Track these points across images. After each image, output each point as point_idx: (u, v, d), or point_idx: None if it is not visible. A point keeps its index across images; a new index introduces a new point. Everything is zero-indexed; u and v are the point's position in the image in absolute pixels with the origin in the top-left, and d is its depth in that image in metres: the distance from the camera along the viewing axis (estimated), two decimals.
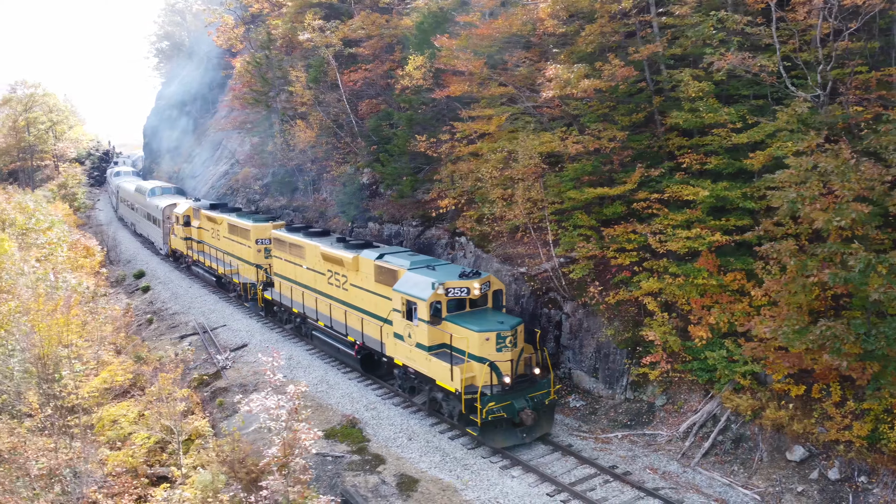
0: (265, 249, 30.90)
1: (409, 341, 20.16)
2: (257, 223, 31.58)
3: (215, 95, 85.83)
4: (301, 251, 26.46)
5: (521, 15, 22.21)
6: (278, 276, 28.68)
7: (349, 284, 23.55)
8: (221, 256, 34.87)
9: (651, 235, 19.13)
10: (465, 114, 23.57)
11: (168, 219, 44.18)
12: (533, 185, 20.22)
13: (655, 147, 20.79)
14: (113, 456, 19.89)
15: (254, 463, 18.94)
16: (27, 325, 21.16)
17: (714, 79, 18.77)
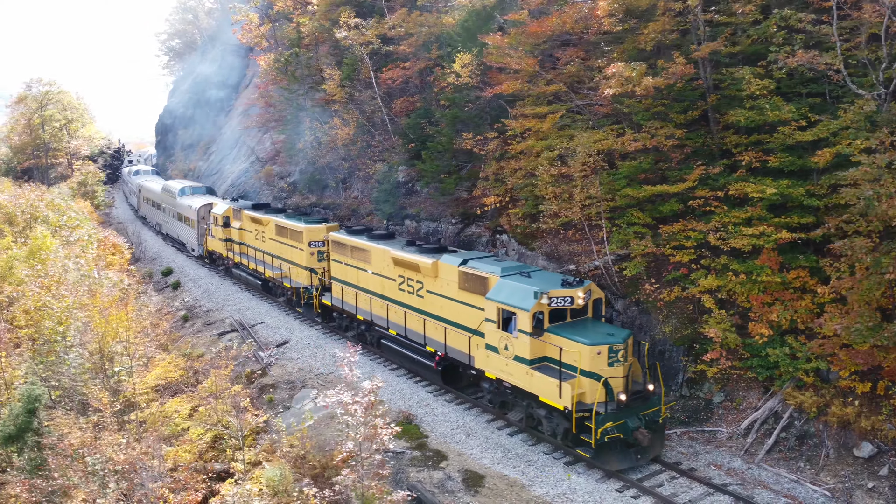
0: (318, 252, 29.85)
1: (504, 354, 18.84)
2: (310, 225, 30.36)
3: (230, 93, 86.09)
4: (366, 255, 25.34)
5: (571, 13, 22.25)
6: (338, 280, 27.53)
7: (425, 291, 22.41)
8: (268, 259, 33.52)
9: (711, 233, 19.20)
10: (517, 111, 23.61)
11: (203, 219, 43.06)
12: (592, 181, 20.27)
13: (710, 145, 20.82)
14: (171, 451, 20.01)
15: (317, 459, 19.13)
16: (84, 320, 21.27)
17: (774, 76, 18.83)
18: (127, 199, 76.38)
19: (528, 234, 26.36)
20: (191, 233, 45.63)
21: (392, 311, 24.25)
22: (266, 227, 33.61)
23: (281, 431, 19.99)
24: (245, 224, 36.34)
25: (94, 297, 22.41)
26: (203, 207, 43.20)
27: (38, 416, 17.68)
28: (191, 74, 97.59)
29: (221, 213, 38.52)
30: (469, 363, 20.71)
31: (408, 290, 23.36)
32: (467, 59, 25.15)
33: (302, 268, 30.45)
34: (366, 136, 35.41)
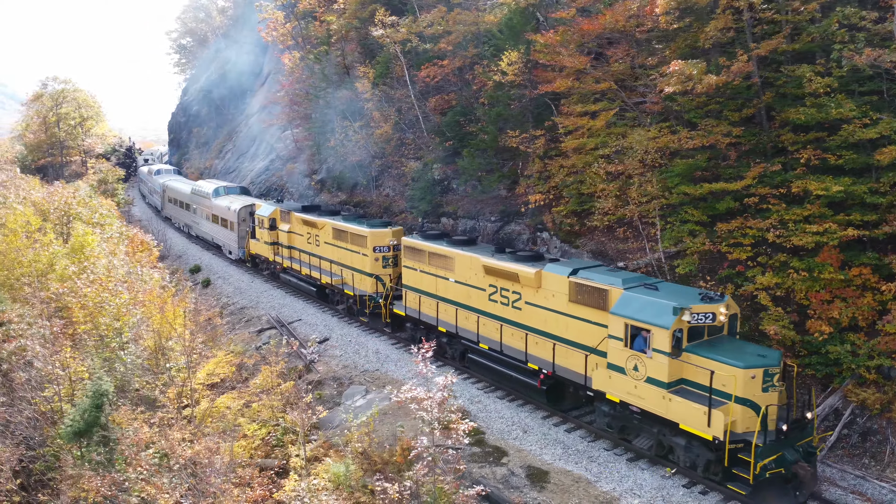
0: (383, 258, 28.19)
1: (633, 375, 17.11)
2: (374, 229, 28.50)
3: (245, 91, 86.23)
4: (448, 262, 23.69)
5: (622, 11, 22.29)
6: (411, 289, 25.81)
7: (524, 303, 20.78)
8: (325, 265, 31.62)
9: (769, 230, 19.25)
10: (567, 109, 23.67)
11: (244, 221, 41.51)
12: (649, 179, 20.33)
13: (764, 143, 20.86)
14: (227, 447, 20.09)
15: (378, 455, 19.23)
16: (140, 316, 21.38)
17: (834, 74, 18.86)
18: (146, 198, 76.08)
19: (572, 231, 26.45)
20: (229, 235, 43.77)
21: (484, 324, 22.46)
22: (321, 231, 32.01)
23: (348, 427, 20.05)
24: (295, 227, 34.71)
25: (150, 294, 22.51)
26: (244, 209, 41.57)
27: (104, 412, 17.79)
28: (204, 72, 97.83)
29: (267, 216, 36.71)
30: (585, 384, 18.86)
31: (501, 301, 21.75)
32: (514, 56, 25.20)
33: (366, 274, 28.74)
34: (400, 133, 35.47)
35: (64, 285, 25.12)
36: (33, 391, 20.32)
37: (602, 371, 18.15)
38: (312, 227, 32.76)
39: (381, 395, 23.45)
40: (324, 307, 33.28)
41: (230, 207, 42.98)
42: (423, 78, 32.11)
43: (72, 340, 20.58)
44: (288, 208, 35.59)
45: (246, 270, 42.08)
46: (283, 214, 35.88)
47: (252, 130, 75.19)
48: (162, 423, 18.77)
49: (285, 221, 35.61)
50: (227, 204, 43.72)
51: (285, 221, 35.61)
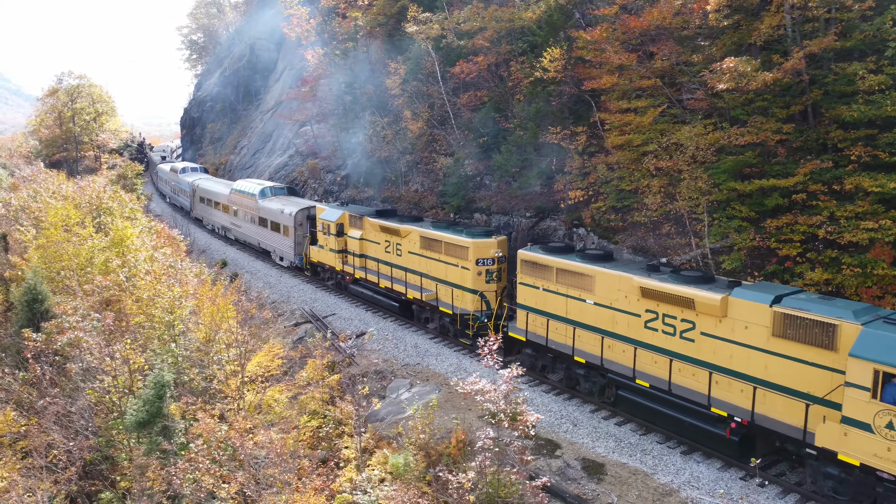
0: (487, 272, 25.13)
1: (886, 434, 13.86)
2: (476, 238, 25.28)
3: (259, 87, 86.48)
4: (584, 281, 20.69)
5: (669, 8, 22.43)
6: (531, 310, 22.67)
7: (698, 334, 17.73)
8: (411, 278, 28.46)
9: (820, 227, 19.42)
10: (613, 105, 23.83)
11: (300, 226, 38.27)
12: (700, 175, 20.51)
13: (812, 140, 21.01)
14: (279, 438, 20.33)
15: (433, 447, 19.44)
16: (192, 308, 21.63)
17: (886, 72, 19.01)
18: (168, 197, 73.64)
19: (610, 227, 26.63)
20: (283, 241, 40.30)
21: (642, 358, 19.31)
22: (404, 239, 28.99)
23: (398, 420, 20.28)
24: (369, 233, 31.58)
25: (203, 286, 22.75)
26: (300, 212, 38.27)
27: (164, 402, 18.03)
28: (218, 68, 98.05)
29: (334, 221, 33.38)
30: (803, 439, 15.51)
31: (664, 330, 18.61)
32: (557, 53, 25.36)
33: (466, 290, 25.54)
34: (431, 129, 35.64)
35: (107, 278, 25.37)
36: (87, 382, 20.57)
37: (833, 426, 14.79)
38: (393, 234, 29.66)
39: (426, 389, 23.70)
40: (356, 302, 33.44)
41: (284, 210, 39.62)
42: (457, 74, 32.25)
43: (124, 332, 20.79)
44: (360, 212, 32.70)
45: (273, 265, 42.31)
46: (353, 219, 32.80)
47: (267, 126, 75.42)
48: (224, 414, 19.01)
49: (356, 227, 32.59)
50: (279, 206, 40.41)
51: (356, 227, 32.59)
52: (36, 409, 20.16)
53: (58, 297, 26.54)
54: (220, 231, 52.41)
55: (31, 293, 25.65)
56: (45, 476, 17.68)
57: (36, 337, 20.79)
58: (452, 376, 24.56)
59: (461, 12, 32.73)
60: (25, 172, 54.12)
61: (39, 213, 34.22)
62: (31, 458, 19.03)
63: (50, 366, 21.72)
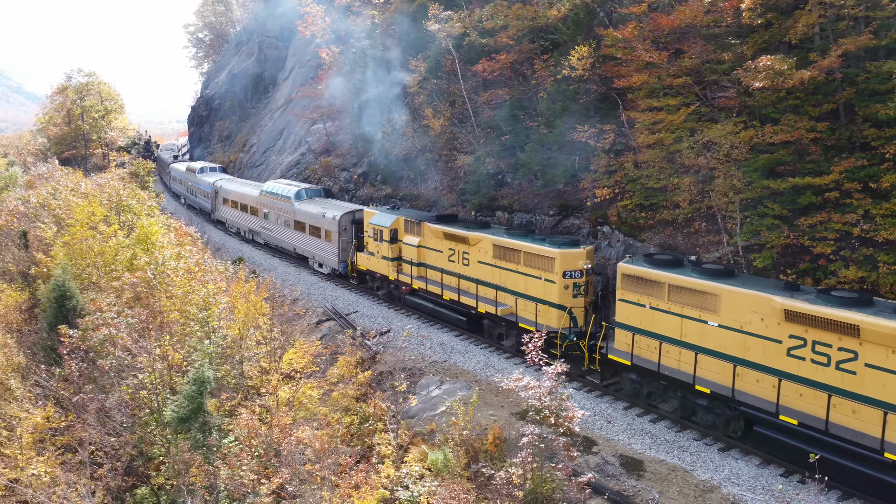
0: (575, 285, 22.92)
1: None
2: (564, 248, 22.93)
3: (268, 85, 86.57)
4: (707, 300, 18.43)
5: (699, 7, 22.48)
6: (635, 330, 20.45)
7: (862, 365, 15.51)
8: (483, 290, 26.17)
9: (856, 225, 19.50)
10: (645, 104, 23.89)
11: (345, 230, 35.87)
12: (735, 173, 20.59)
13: (845, 138, 21.09)
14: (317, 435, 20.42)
15: (470, 443, 19.53)
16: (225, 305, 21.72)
17: None
18: (185, 198, 71.62)
19: (636, 225, 26.71)
20: (324, 247, 37.71)
21: (786, 390, 16.93)
22: (473, 248, 26.60)
23: (450, 415, 20.31)
24: (428, 240, 29.15)
25: (237, 283, 22.85)
26: (345, 216, 35.86)
27: (205, 398, 18.12)
28: (226, 65, 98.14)
29: (387, 226, 30.91)
30: None
31: (815, 359, 16.34)
32: (585, 51, 25.42)
33: (552, 306, 23.34)
34: (452, 127, 35.71)
35: (134, 275, 25.45)
36: (123, 378, 20.66)
37: None
38: (459, 242, 27.27)
39: (456, 386, 23.77)
40: (378, 300, 33.50)
41: (326, 214, 37.03)
42: (479, 72, 32.31)
43: (160, 329, 20.88)
44: (417, 217, 30.30)
45: (292, 262, 42.35)
46: (409, 225, 30.39)
47: (277, 124, 75.48)
48: (263, 410, 19.11)
49: (412, 233, 30.20)
50: (320, 210, 37.92)
51: (412, 233, 30.20)
52: (73, 406, 20.24)
53: (92, 294, 26.63)
54: (247, 234, 49.79)
55: (60, 290, 25.72)
56: (86, 471, 17.76)
57: (72, 333, 20.88)
58: (480, 373, 24.70)
59: (483, 10, 32.77)
60: (41, 170, 54.13)
61: (60, 211, 34.30)
62: (71, 453, 19.13)
63: (83, 362, 21.81)
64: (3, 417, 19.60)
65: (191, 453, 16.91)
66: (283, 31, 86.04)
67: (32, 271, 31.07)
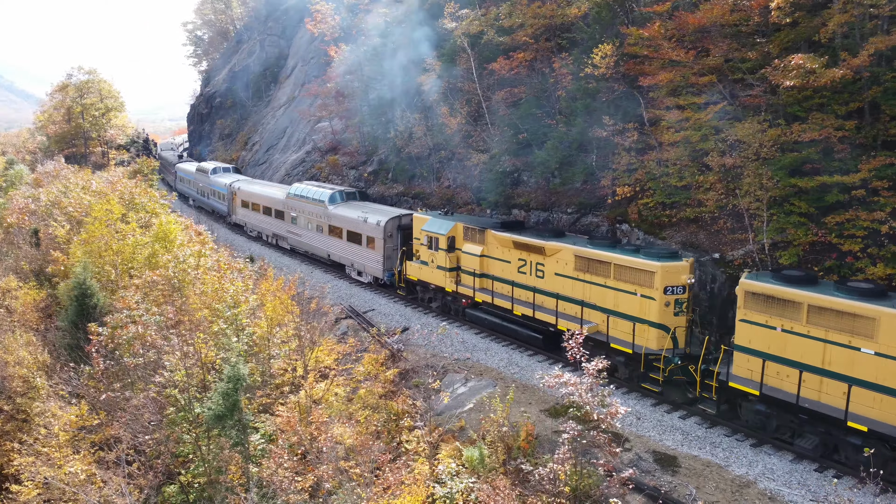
0: (677, 302, 20.97)
1: None
2: (665, 262, 20.98)
3: (269, 83, 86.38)
4: (860, 324, 16.44)
5: (725, 5, 22.57)
6: (766, 356, 18.35)
7: None
8: (562, 306, 24.08)
9: (884, 222, 19.66)
10: (671, 102, 24.00)
11: (390, 237, 33.71)
12: (764, 171, 20.72)
13: (871, 137, 21.24)
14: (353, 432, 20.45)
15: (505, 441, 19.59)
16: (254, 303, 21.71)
17: None
18: (195, 199, 69.05)
19: (656, 223, 26.82)
20: (366, 254, 35.45)
21: None
22: (549, 258, 24.55)
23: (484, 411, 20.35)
24: (493, 250, 27.04)
25: (265, 280, 22.83)
26: (391, 222, 33.64)
27: (240, 395, 18.11)
28: (227, 63, 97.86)
29: (445, 234, 28.71)
30: None
31: None
32: (608, 49, 25.50)
33: (650, 325, 21.29)
34: (468, 125, 35.76)
35: (155, 273, 25.41)
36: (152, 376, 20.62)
37: None
38: (532, 252, 25.19)
39: (482, 383, 23.83)
40: (394, 298, 33.47)
41: (368, 219, 34.76)
42: (496, 70, 32.33)
43: (191, 327, 20.85)
44: (480, 224, 28.07)
45: (303, 260, 42.27)
46: (469, 232, 28.18)
47: (280, 122, 75.33)
48: (298, 407, 19.12)
49: (474, 241, 28.00)
50: (359, 214, 35.76)
51: (474, 241, 28.00)
52: (102, 404, 20.20)
53: (108, 293, 26.57)
54: (271, 239, 47.42)
55: (81, 288, 25.65)
56: (121, 469, 17.73)
57: (102, 331, 20.82)
58: (504, 370, 24.77)
59: (499, 8, 32.81)
60: (48, 167, 53.87)
61: (73, 209, 34.16)
62: (102, 451, 19.10)
63: (109, 360, 21.76)
64: (38, 415, 19.55)
65: (230, 451, 16.90)
66: (285, 28, 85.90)
67: (50, 269, 30.94)
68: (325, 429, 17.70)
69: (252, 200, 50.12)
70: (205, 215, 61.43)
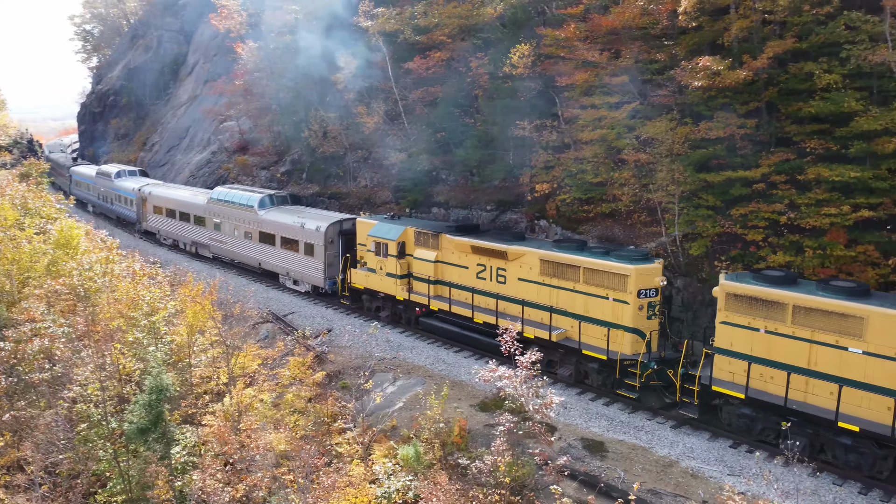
0: (650, 305, 20.51)
1: None
2: (638, 264, 20.40)
3: (168, 80, 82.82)
4: (847, 324, 16.35)
5: (634, 9, 23.62)
6: (751, 359, 18.03)
7: None
8: (528, 312, 23.15)
9: (783, 214, 21.19)
10: (586, 101, 24.82)
11: (332, 243, 31.97)
12: (677, 167, 21.81)
13: (769, 134, 22.81)
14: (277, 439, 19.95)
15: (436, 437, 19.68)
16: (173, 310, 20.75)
17: (836, 72, 20.94)
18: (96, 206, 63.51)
19: (574, 218, 27.72)
20: (304, 262, 33.50)
21: None
22: (512, 263, 23.67)
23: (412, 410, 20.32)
24: (449, 255, 25.94)
25: (185, 286, 21.77)
26: (332, 227, 32.02)
27: (164, 407, 17.31)
28: (121, 60, 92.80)
29: (394, 239, 27.48)
30: None
31: None
32: (525, 50, 26.08)
33: (624, 329, 20.75)
34: (385, 124, 35.60)
35: (59, 282, 23.86)
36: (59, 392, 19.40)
37: None
38: (494, 256, 24.20)
39: (411, 381, 23.84)
40: (315, 300, 32.88)
41: (305, 225, 32.96)
42: (414, 69, 32.38)
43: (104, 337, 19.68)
44: (433, 229, 26.93)
45: (213, 264, 40.73)
46: (421, 237, 26.98)
47: (182, 121, 72.38)
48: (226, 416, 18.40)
49: (426, 246, 26.80)
50: (295, 220, 33.86)
51: (426, 246, 26.80)
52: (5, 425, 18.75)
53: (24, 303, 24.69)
54: (190, 247, 44.35)
55: None
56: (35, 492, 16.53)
57: (3, 346, 19.31)
58: (432, 367, 24.89)
59: (415, 7, 32.88)
60: None
61: None
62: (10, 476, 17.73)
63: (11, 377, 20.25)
64: None
65: (157, 465, 16.11)
66: (184, 23, 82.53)
67: None
68: (257, 436, 17.17)
69: (167, 206, 46.63)
70: (106, 221, 57.82)
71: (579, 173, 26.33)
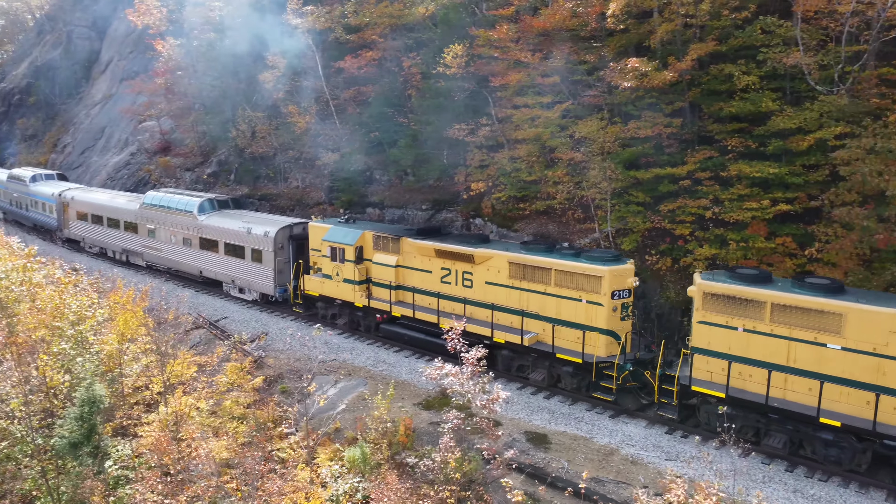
0: (623, 306, 20.35)
1: None
2: (611, 265, 20.12)
3: (80, 79, 78.99)
4: (826, 320, 16.46)
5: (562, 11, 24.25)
6: (731, 357, 17.93)
7: None
8: (495, 316, 22.52)
9: (708, 209, 22.24)
10: (519, 101, 25.24)
11: (281, 248, 30.55)
12: (609, 165, 22.51)
13: (693, 133, 23.87)
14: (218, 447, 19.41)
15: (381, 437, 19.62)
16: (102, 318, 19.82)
17: (753, 73, 22.15)
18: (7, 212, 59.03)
19: (508, 216, 28.19)
20: (253, 269, 31.89)
21: None
22: (479, 266, 22.91)
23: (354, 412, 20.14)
24: (411, 259, 25.04)
25: (114, 293, 20.74)
26: (281, 232, 30.48)
27: (97, 419, 16.57)
28: (26, 57, 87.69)
29: (352, 244, 26.40)
30: None
31: None
32: (459, 50, 26.29)
33: (599, 332, 20.42)
34: (317, 124, 35.12)
35: None
36: None
37: None
38: (459, 260, 23.41)
39: (352, 383, 23.67)
40: (249, 305, 32.11)
41: (252, 230, 31.29)
42: (345, 68, 32.10)
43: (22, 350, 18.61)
44: (393, 233, 25.92)
45: (130, 267, 39.02)
46: (380, 241, 26.00)
47: (96, 121, 69.19)
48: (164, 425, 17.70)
49: (385, 251, 25.86)
50: (240, 225, 32.15)
51: (385, 251, 25.86)
52: None
53: None
54: (121, 255, 41.55)
55: None
56: None
57: None
58: (373, 368, 24.77)
59: (345, 6, 32.60)
60: None
61: None
62: None
63: None
64: None
65: (92, 480, 15.38)
66: (96, 19, 78.78)
67: None
68: (197, 444, 16.66)
69: (92, 212, 43.42)
70: (18, 228, 54.21)
71: (514, 172, 26.78)
